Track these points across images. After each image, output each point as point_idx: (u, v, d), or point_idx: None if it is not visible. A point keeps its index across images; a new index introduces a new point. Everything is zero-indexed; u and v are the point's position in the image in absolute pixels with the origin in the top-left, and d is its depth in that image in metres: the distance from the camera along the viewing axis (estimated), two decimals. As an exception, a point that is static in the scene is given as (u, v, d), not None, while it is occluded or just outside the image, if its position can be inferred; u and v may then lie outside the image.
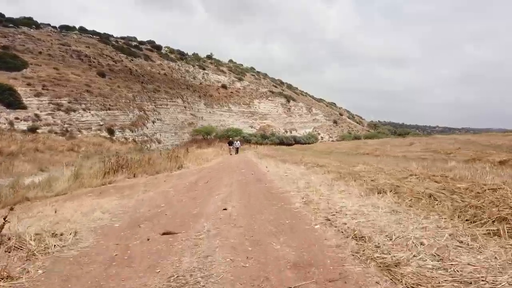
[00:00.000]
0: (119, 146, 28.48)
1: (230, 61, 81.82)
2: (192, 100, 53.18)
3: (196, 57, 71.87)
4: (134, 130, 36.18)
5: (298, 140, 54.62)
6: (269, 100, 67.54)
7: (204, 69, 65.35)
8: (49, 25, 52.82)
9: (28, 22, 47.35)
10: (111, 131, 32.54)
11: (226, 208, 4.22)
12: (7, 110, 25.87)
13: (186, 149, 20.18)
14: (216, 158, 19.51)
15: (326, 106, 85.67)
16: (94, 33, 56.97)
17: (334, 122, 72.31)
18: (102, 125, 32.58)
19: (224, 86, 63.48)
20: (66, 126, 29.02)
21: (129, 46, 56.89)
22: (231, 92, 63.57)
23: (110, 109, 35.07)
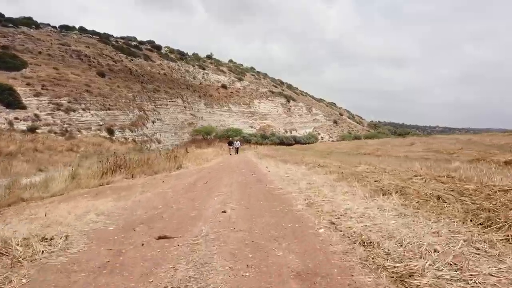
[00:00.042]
0: (119, 146, 28.30)
1: (230, 61, 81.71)
2: (192, 100, 53.02)
3: (196, 57, 71.72)
4: (134, 130, 36.02)
5: (298, 140, 54.46)
6: (269, 100, 67.38)
7: (204, 69, 65.19)
8: (48, 25, 52.67)
9: (27, 22, 47.19)
10: (111, 131, 32.38)
11: (225, 210, 4.05)
12: (7, 110, 25.69)
13: (186, 149, 19.99)
14: (215, 158, 19.34)
15: (326, 106, 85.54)
16: (94, 33, 56.84)
17: (334, 122, 72.16)
18: (101, 125, 32.41)
19: (224, 86, 63.32)
20: (65, 126, 28.85)
21: (129, 46, 56.75)
22: (231, 92, 63.41)
23: (109, 109, 34.92)
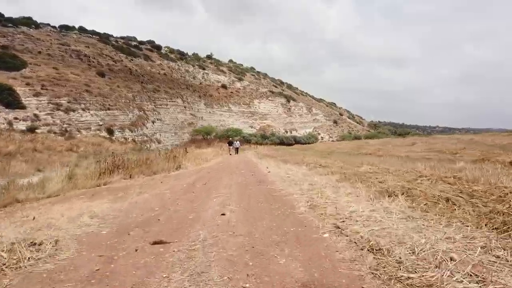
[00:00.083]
0: (119, 146, 28.14)
1: (230, 61, 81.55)
2: (192, 100, 52.86)
3: (196, 57, 71.57)
4: (134, 130, 35.86)
5: (298, 140, 54.30)
6: (269, 100, 67.20)
7: (204, 69, 65.02)
8: (48, 25, 52.53)
9: (27, 21, 47.05)
10: (111, 131, 32.23)
11: (224, 213, 3.89)
12: (6, 110, 25.55)
13: (185, 149, 19.81)
14: (215, 158, 19.17)
15: (326, 106, 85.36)
16: (94, 33, 56.69)
17: (334, 122, 71.98)
18: (101, 125, 32.26)
19: (224, 86, 63.16)
20: (65, 126, 28.70)
21: (128, 46, 56.60)
22: (231, 92, 63.23)
23: (109, 109, 34.76)
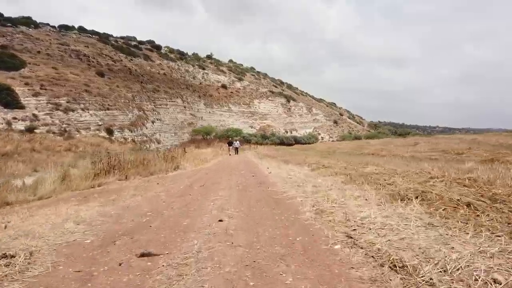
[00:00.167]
0: (118, 146, 27.82)
1: (230, 61, 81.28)
2: (191, 100, 52.55)
3: (196, 57, 71.29)
4: (133, 130, 35.56)
5: (299, 140, 53.98)
6: (269, 100, 66.88)
7: (204, 69, 64.74)
8: (48, 24, 52.29)
9: (26, 21, 46.81)
10: (110, 131, 31.93)
11: (222, 219, 3.54)
12: (5, 110, 25.28)
13: (184, 149, 19.47)
14: (215, 159, 18.85)
15: (326, 106, 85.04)
16: (93, 32, 56.45)
17: (335, 122, 71.64)
18: (101, 125, 31.96)
19: (224, 86, 62.86)
20: (64, 126, 28.41)
21: (128, 46, 56.33)
22: (231, 92, 62.94)
23: (109, 109, 34.46)
